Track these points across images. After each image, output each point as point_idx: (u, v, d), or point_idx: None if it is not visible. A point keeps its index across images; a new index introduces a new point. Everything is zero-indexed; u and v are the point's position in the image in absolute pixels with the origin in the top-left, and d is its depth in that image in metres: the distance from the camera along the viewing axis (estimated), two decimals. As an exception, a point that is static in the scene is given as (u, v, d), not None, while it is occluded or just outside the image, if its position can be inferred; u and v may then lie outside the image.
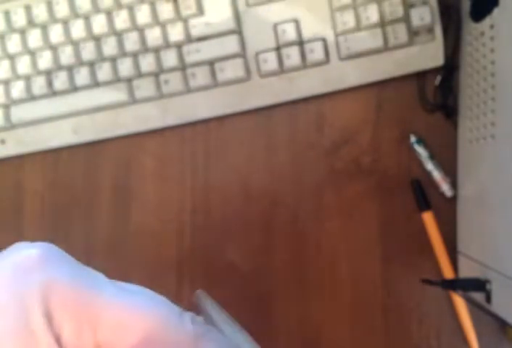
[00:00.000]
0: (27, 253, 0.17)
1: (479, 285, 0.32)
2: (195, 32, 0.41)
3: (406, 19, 0.38)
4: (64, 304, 0.17)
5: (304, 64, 0.40)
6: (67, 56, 0.43)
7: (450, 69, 0.39)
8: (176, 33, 0.41)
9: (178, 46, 0.41)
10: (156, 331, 0.18)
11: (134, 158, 0.44)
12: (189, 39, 0.41)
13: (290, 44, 0.40)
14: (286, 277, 0.42)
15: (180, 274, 0.43)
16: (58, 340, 0.16)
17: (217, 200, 0.43)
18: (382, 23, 0.39)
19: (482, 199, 0.35)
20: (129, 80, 0.42)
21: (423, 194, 0.40)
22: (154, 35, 0.41)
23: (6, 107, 0.44)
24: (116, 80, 0.42)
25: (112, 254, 0.44)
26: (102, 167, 0.45)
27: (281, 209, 0.42)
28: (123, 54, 0.42)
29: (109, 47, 0.42)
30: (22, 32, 0.43)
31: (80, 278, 0.18)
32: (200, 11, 0.41)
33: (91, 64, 0.42)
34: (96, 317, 0.17)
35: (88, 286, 0.18)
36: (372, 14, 0.38)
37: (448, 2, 0.39)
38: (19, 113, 0.44)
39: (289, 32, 0.40)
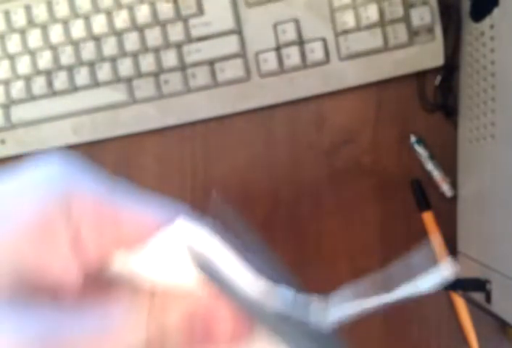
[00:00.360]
0: (46, 164, 0.18)
1: (479, 285, 0.32)
2: (195, 32, 0.41)
3: (406, 19, 0.38)
4: (85, 206, 0.17)
5: (304, 64, 0.40)
6: (67, 56, 0.42)
7: (450, 69, 0.39)
8: (176, 33, 0.41)
9: (178, 46, 0.41)
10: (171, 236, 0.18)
11: (134, 158, 0.44)
12: (189, 39, 0.41)
13: (290, 44, 0.40)
14: (286, 277, 0.42)
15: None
16: (76, 238, 0.17)
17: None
18: (382, 23, 0.39)
19: (482, 198, 0.35)
20: (129, 80, 0.42)
21: (423, 194, 0.40)
22: (154, 35, 0.41)
23: (6, 107, 0.44)
24: (116, 80, 0.42)
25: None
26: (102, 167, 0.45)
27: (280, 209, 0.42)
28: (123, 54, 0.42)
29: (109, 47, 0.42)
30: (22, 32, 0.43)
31: (100, 184, 0.18)
32: (200, 11, 0.41)
33: (91, 64, 0.42)
34: (117, 217, 0.17)
35: (108, 190, 0.18)
36: (372, 14, 0.38)
37: (448, 2, 0.39)
38: (19, 113, 0.44)
39: (289, 32, 0.40)
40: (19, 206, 0.16)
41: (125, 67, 0.42)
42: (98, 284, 0.18)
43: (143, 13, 0.41)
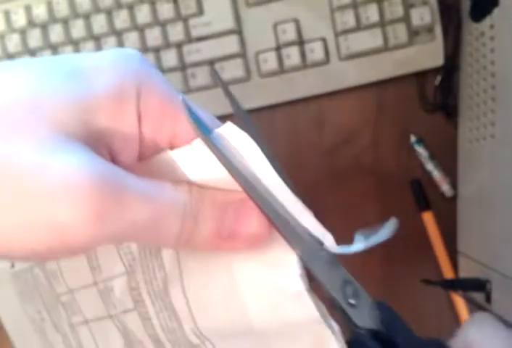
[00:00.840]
0: (124, 50, 0.19)
1: (479, 285, 0.32)
2: (195, 32, 0.41)
3: (406, 19, 0.38)
4: (154, 94, 0.18)
5: (304, 64, 0.40)
6: (67, 56, 0.42)
7: (450, 69, 0.39)
8: (176, 33, 0.41)
9: (178, 46, 0.41)
10: None
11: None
12: (189, 39, 0.41)
13: (290, 44, 0.40)
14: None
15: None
16: (141, 118, 0.18)
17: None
18: (382, 23, 0.39)
19: (482, 198, 0.35)
20: (129, 80, 0.42)
21: (423, 194, 0.40)
22: (154, 35, 0.41)
23: (6, 107, 0.44)
24: (116, 80, 0.42)
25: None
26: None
27: (281, 209, 0.42)
28: (123, 53, 0.42)
29: (109, 47, 0.42)
30: (22, 32, 0.43)
31: (168, 83, 0.19)
32: (200, 11, 0.41)
33: (91, 64, 0.42)
34: (177, 115, 0.18)
35: (173, 90, 0.19)
36: (372, 14, 0.38)
37: (448, 2, 0.39)
38: (19, 113, 0.44)
39: (289, 32, 0.40)
40: (100, 73, 0.17)
41: (125, 67, 0.42)
42: (147, 168, 0.18)
43: (143, 13, 0.41)
